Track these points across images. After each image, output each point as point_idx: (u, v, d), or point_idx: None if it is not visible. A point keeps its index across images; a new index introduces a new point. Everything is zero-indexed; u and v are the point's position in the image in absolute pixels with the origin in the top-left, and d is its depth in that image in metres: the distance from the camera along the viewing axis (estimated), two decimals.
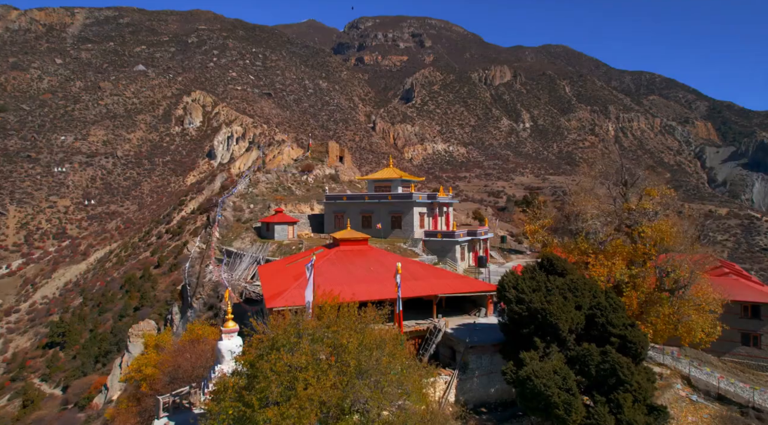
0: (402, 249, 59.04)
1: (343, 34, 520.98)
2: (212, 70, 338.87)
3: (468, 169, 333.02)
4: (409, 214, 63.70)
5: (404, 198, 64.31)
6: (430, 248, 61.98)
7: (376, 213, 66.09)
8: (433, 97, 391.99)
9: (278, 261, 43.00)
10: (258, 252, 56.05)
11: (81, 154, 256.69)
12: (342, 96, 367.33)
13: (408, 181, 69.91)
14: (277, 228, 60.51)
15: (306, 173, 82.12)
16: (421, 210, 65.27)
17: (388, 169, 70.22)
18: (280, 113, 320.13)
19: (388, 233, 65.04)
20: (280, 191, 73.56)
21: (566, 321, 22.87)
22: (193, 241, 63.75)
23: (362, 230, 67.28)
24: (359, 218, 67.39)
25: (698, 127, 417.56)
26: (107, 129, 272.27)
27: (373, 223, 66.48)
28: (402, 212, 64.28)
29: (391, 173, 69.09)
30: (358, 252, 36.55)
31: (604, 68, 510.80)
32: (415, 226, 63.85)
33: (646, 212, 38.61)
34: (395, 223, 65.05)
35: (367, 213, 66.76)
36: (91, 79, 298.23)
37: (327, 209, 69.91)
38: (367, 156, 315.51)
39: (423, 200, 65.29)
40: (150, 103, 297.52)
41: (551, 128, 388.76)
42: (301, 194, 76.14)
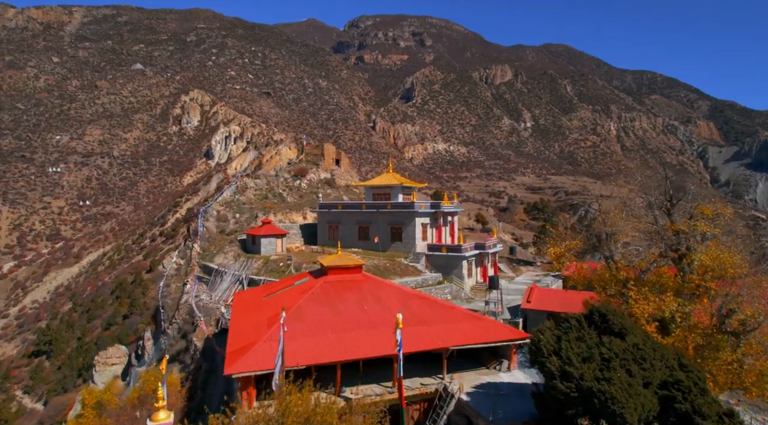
0: (402, 266, 52.27)
1: (343, 33, 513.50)
2: (211, 69, 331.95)
3: (469, 169, 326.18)
4: (411, 225, 56.94)
5: (405, 208, 57.56)
6: (434, 263, 55.22)
7: (374, 224, 59.36)
8: (433, 96, 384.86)
9: (257, 289, 36.23)
10: (241, 270, 49.36)
11: (76, 154, 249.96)
12: (342, 95, 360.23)
13: (409, 188, 63.15)
14: (263, 242, 53.78)
15: (299, 177, 75.39)
16: (424, 221, 58.51)
17: (387, 174, 63.50)
18: (279, 112, 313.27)
19: (387, 247, 58.28)
20: (269, 198, 66.84)
21: (635, 410, 16.10)
22: (170, 255, 57.15)
23: (359, 244, 60.59)
24: (355, 230, 60.68)
25: (700, 126, 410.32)
26: (103, 128, 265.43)
27: (370, 235, 59.75)
28: (403, 224, 57.53)
29: (390, 178, 62.35)
30: (351, 284, 29.79)
31: (606, 68, 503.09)
32: (417, 238, 57.11)
33: (700, 235, 31.65)
34: (395, 235, 58.29)
35: (364, 224, 60.06)
36: (87, 78, 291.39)
37: (320, 219, 63.23)
38: (367, 156, 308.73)
39: (426, 209, 58.55)
40: (147, 103, 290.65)
41: (553, 127, 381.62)
42: (294, 200, 69.44)
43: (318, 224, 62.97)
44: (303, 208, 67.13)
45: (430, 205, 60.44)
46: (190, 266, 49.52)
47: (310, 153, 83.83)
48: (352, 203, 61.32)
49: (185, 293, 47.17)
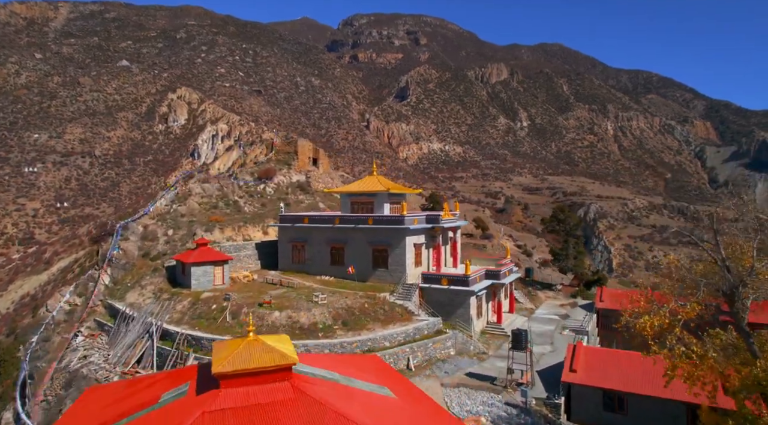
0: (387, 307, 36.55)
1: (338, 31, 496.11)
2: (200, 66, 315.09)
3: (464, 169, 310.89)
4: (400, 246, 41.22)
5: (392, 222, 41.85)
6: (431, 300, 39.51)
7: (351, 244, 43.64)
8: (428, 95, 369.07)
9: (115, 384, 20.09)
10: (157, 315, 33.54)
11: (55, 153, 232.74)
12: (335, 94, 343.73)
13: (399, 195, 47.42)
14: (195, 271, 38.00)
15: (264, 180, 59.65)
16: (417, 240, 42.80)
17: (370, 178, 47.79)
18: (269, 111, 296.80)
19: (367, 275, 42.60)
20: (221, 207, 51.07)
21: None
22: (60, 291, 41.02)
23: (330, 270, 44.79)
24: (326, 251, 44.88)
25: (697, 126, 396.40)
26: (85, 127, 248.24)
27: (346, 258, 44.03)
28: (389, 244, 41.81)
29: (374, 183, 46.62)
30: (265, 411, 14.01)
31: (601, 67, 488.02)
32: (408, 265, 41.36)
33: None
34: (379, 260, 42.55)
35: (338, 244, 44.30)
36: (70, 75, 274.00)
37: (281, 237, 47.46)
38: (360, 156, 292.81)
39: (420, 224, 42.86)
40: (133, 100, 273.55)
41: (549, 127, 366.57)
42: (253, 210, 53.74)
43: (279, 244, 47.23)
44: (264, 220, 51.38)
45: (426, 218, 44.74)
46: (88, 307, 33.95)
47: (281, 151, 68.15)
48: (321, 216, 45.53)
49: (72, 351, 31.45)
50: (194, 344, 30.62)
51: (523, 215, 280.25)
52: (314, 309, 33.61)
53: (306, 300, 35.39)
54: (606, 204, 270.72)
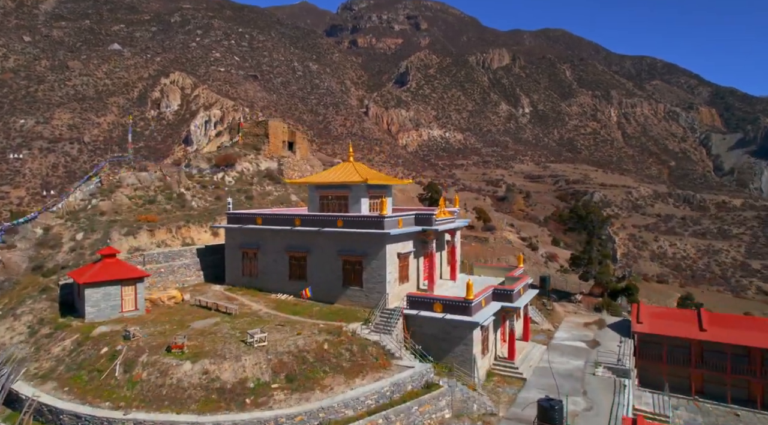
0: (357, 347, 25.45)
1: (337, 15, 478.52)
2: (194, 50, 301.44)
3: (465, 156, 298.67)
4: (378, 257, 29.91)
5: (369, 225, 30.54)
6: (420, 333, 28.41)
7: (316, 253, 32.38)
8: (428, 81, 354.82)
9: None
10: (15, 362, 22.51)
11: (42, 139, 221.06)
12: (333, 79, 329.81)
13: (381, 188, 36.03)
14: (91, 295, 26.80)
15: (223, 168, 48.33)
16: (403, 248, 31.51)
17: (345, 165, 36.36)
18: (265, 97, 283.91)
19: (336, 295, 31.43)
20: (160, 202, 39.75)
21: None
22: None
23: (289, 286, 33.50)
24: (284, 262, 33.58)
25: (702, 113, 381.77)
26: (74, 112, 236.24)
27: (309, 272, 32.84)
28: (364, 254, 30.53)
29: (348, 172, 35.20)
30: None
31: (604, 53, 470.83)
32: (389, 281, 30.13)
33: None
34: (351, 275, 31.33)
35: (299, 253, 32.99)
36: (59, 59, 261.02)
37: (229, 242, 36.17)
38: (359, 142, 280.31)
39: (407, 227, 31.54)
40: (124, 85, 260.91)
41: (552, 113, 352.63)
42: (204, 205, 42.49)
43: (226, 250, 36.02)
44: (216, 218, 40.12)
45: (415, 218, 33.33)
46: None
47: (249, 133, 56.68)
48: (278, 215, 34.10)
49: None
50: (51, 420, 19.70)
51: (524, 204, 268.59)
52: (246, 356, 22.53)
53: (238, 340, 24.29)
54: (610, 193, 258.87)
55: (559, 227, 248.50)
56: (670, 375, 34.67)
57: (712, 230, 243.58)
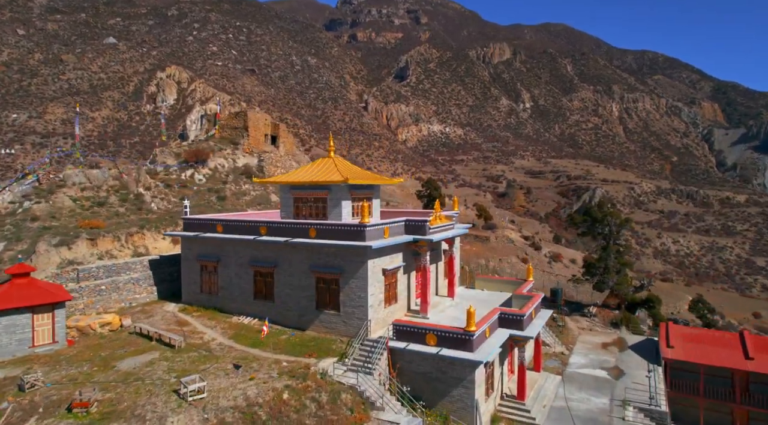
0: (326, 397, 19.41)
1: (336, 10, 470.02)
2: (191, 44, 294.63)
3: (465, 152, 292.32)
4: (359, 275, 23.97)
5: (348, 235, 24.61)
6: (409, 371, 22.43)
7: (285, 268, 26.46)
8: (428, 75, 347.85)
9: None
10: None
11: (35, 134, 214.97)
12: (332, 74, 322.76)
13: (366, 188, 30.10)
14: None
15: (193, 164, 42.44)
16: (390, 263, 25.62)
17: (324, 161, 30.38)
18: (263, 91, 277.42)
19: (308, 320, 25.58)
20: (112, 204, 33.84)
21: None
22: None
23: (254, 306, 27.43)
24: (248, 278, 27.68)
25: (704, 108, 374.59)
26: (68, 106, 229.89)
27: (276, 290, 26.99)
28: (341, 271, 24.60)
29: (327, 169, 29.30)
30: None
31: (605, 47, 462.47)
32: (372, 304, 24.24)
33: None
34: (326, 296, 25.45)
35: (265, 268, 27.04)
36: (53, 52, 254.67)
37: (186, 252, 30.27)
38: (357, 138, 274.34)
39: (395, 237, 25.65)
40: (119, 79, 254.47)
41: (553, 108, 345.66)
42: (165, 208, 36.62)
43: (182, 262, 30.18)
44: (177, 222, 34.26)
45: (405, 226, 27.47)
46: None
47: (227, 125, 50.68)
48: (241, 222, 28.19)
49: None
50: None
51: (525, 200, 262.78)
52: (174, 417, 16.78)
53: (170, 389, 18.49)
54: (612, 188, 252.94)
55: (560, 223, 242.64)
56: (708, 411, 28.92)
57: (715, 227, 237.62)
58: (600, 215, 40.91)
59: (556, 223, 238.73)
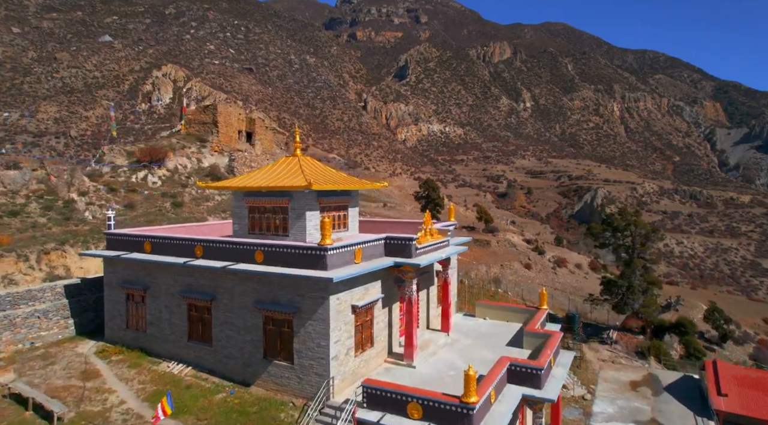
0: None
1: (335, 9, 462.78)
2: (188, 42, 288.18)
3: (465, 151, 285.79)
4: (318, 314, 16.95)
5: (302, 261, 17.64)
6: None
7: (224, 302, 19.50)
8: (428, 74, 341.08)
9: None
10: None
11: (27, 133, 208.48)
12: (331, 73, 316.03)
13: (339, 194, 23.34)
14: None
15: (149, 164, 35.94)
16: (362, 297, 18.62)
17: (287, 161, 23.77)
18: (261, 90, 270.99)
19: (255, 373, 18.48)
20: (31, 213, 27.26)
21: None
22: None
23: (189, 349, 19.57)
24: (183, 311, 20.59)
25: (706, 107, 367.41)
26: (61, 105, 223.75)
27: (216, 333, 20.09)
28: (295, 310, 17.64)
29: (289, 171, 22.61)
30: None
31: (606, 47, 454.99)
32: (336, 354, 17.20)
33: None
34: (276, 340, 18.46)
35: (201, 301, 20.10)
36: (47, 50, 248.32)
37: (109, 277, 23.37)
38: (356, 137, 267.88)
39: (370, 261, 18.81)
40: (114, 78, 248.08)
41: (553, 108, 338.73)
42: (101, 218, 30.06)
43: (105, 289, 23.65)
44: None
45: (385, 245, 20.77)
46: None
47: (194, 120, 44.09)
48: (173, 240, 21.61)
49: None
50: None
51: (526, 200, 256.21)
52: None
53: None
54: (614, 189, 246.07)
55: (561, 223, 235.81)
56: None
57: (720, 228, 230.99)
58: (622, 224, 34.29)
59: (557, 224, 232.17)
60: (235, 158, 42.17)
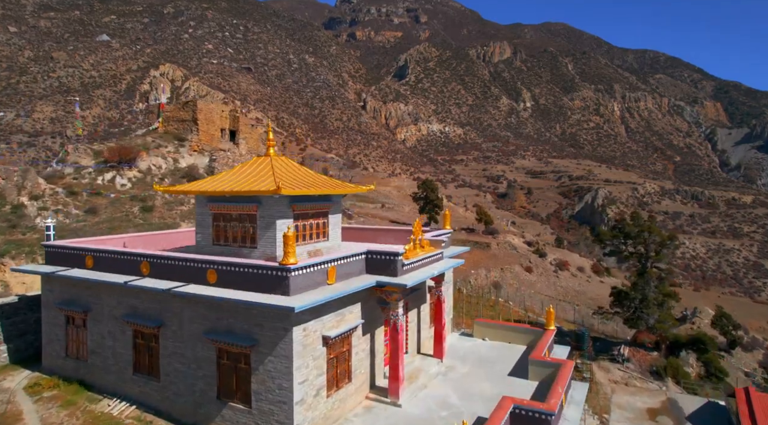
0: None
1: (335, 8, 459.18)
2: (186, 42, 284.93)
3: (465, 151, 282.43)
4: (279, 349, 13.26)
5: (260, 283, 14.27)
6: None
7: (173, 330, 15.96)
8: (428, 74, 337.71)
9: None
10: None
11: (22, 133, 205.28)
12: (330, 72, 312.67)
13: (316, 200, 19.93)
14: None
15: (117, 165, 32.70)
16: (335, 326, 14.97)
17: (258, 162, 20.46)
18: (259, 89, 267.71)
19: (207, 415, 14.94)
20: None
21: None
22: None
23: (134, 383, 15.72)
24: (128, 338, 17.15)
25: (707, 107, 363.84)
26: (57, 105, 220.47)
27: (163, 366, 16.61)
28: (254, 342, 14.20)
29: (259, 173, 19.22)
30: None
31: (606, 47, 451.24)
32: (302, 397, 13.43)
33: None
34: (232, 378, 14.83)
35: (148, 327, 16.72)
36: (44, 50, 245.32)
37: (46, 296, 19.90)
38: (355, 137, 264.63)
39: (347, 281, 15.26)
40: (111, 77, 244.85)
41: (554, 107, 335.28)
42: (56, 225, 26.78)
43: (43, 311, 20.40)
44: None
45: (366, 261, 17.30)
46: None
47: (173, 117, 40.93)
48: (117, 254, 18.31)
49: None
50: None
51: (526, 201, 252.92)
52: None
53: None
54: (615, 189, 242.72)
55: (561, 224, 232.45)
56: None
57: (722, 229, 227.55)
58: (634, 231, 30.96)
59: (558, 224, 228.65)
60: (216, 158, 38.97)
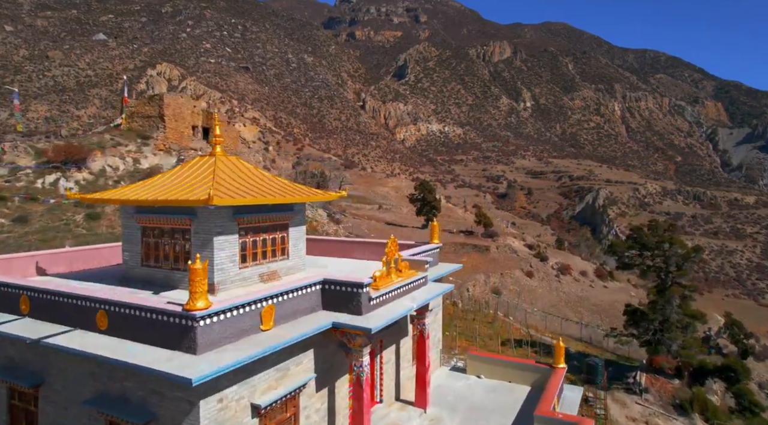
0: None
1: (334, 8, 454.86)
2: (184, 41, 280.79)
3: (465, 151, 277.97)
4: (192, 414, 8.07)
5: (158, 336, 9.69)
6: None
7: (56, 389, 11.09)
8: (427, 74, 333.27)
9: None
10: None
11: (15, 132, 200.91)
12: (329, 72, 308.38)
13: (269, 210, 15.40)
14: None
15: (63, 166, 28.43)
16: (272, 388, 10.12)
17: (199, 163, 16.07)
18: (257, 89, 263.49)
19: None
20: None
21: None
22: None
23: None
24: (2, 395, 12.02)
25: (708, 107, 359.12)
26: (52, 104, 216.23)
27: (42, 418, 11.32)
28: (150, 418, 9.55)
29: (198, 178, 14.74)
30: None
31: (606, 46, 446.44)
32: None
33: None
34: None
35: (25, 388, 12.18)
36: (39, 49, 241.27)
37: None
38: (354, 137, 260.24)
39: (292, 322, 10.68)
40: (107, 76, 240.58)
41: (554, 107, 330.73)
42: None
43: None
44: None
45: (322, 293, 12.75)
46: None
47: (137, 113, 36.85)
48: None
49: None
50: None
51: (526, 201, 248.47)
52: None
53: None
54: (616, 189, 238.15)
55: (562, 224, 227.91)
56: None
57: (724, 229, 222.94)
58: (652, 242, 26.64)
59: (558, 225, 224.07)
60: (184, 158, 34.83)
